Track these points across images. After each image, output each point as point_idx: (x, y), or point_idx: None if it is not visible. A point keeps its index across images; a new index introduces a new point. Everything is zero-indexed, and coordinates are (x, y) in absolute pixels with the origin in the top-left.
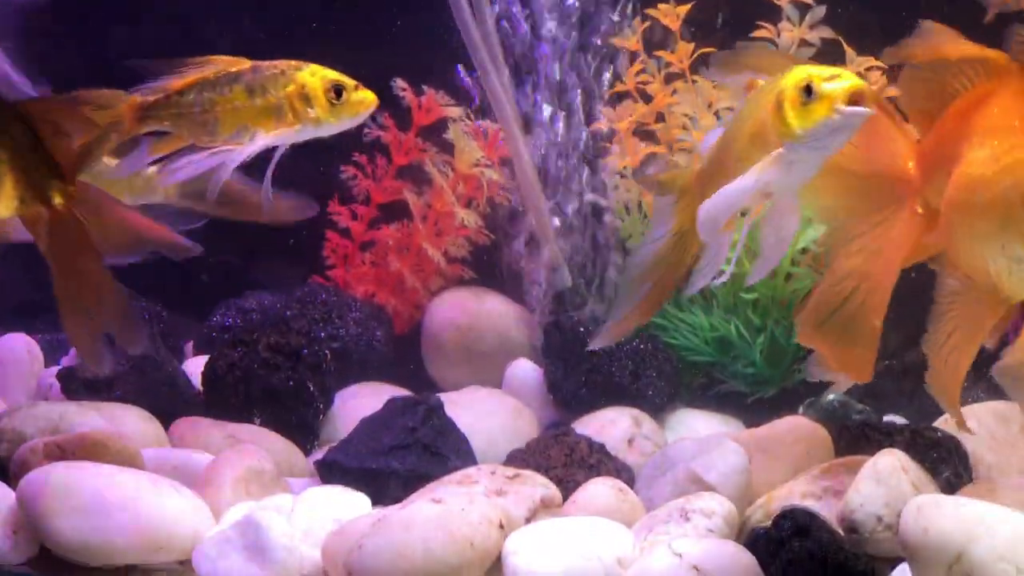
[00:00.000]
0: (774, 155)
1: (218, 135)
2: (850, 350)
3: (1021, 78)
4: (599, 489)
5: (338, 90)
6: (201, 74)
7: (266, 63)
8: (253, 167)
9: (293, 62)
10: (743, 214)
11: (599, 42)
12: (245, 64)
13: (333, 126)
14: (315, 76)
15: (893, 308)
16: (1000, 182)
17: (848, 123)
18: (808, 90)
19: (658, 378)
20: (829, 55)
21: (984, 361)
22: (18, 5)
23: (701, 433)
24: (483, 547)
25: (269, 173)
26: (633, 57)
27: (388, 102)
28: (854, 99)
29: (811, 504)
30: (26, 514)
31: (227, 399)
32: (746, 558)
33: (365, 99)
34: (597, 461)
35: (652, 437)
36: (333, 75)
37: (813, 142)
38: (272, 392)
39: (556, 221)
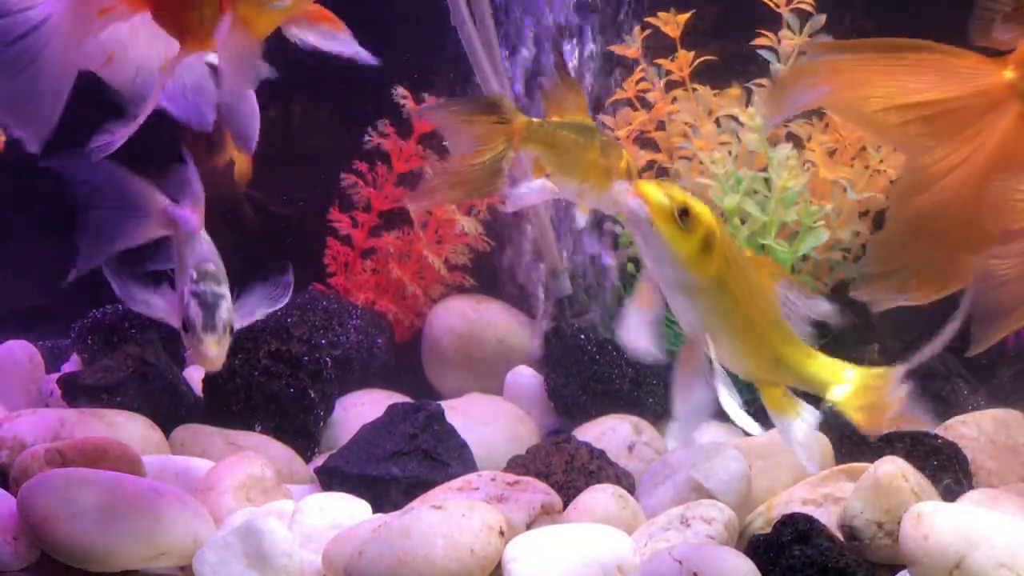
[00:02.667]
0: None
1: (571, 179)
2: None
3: None
4: (599, 496)
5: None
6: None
7: None
8: None
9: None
10: None
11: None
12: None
13: (612, 206)
14: None
15: (893, 314)
16: None
17: None
18: None
19: (658, 385)
20: None
21: (985, 369)
22: None
23: (701, 440)
24: (483, 553)
25: None
26: (633, 65)
27: (388, 109)
28: None
29: (811, 511)
30: (27, 520)
31: (228, 406)
32: (746, 565)
33: None
34: (597, 468)
35: (652, 444)
36: None
37: None
38: (273, 399)
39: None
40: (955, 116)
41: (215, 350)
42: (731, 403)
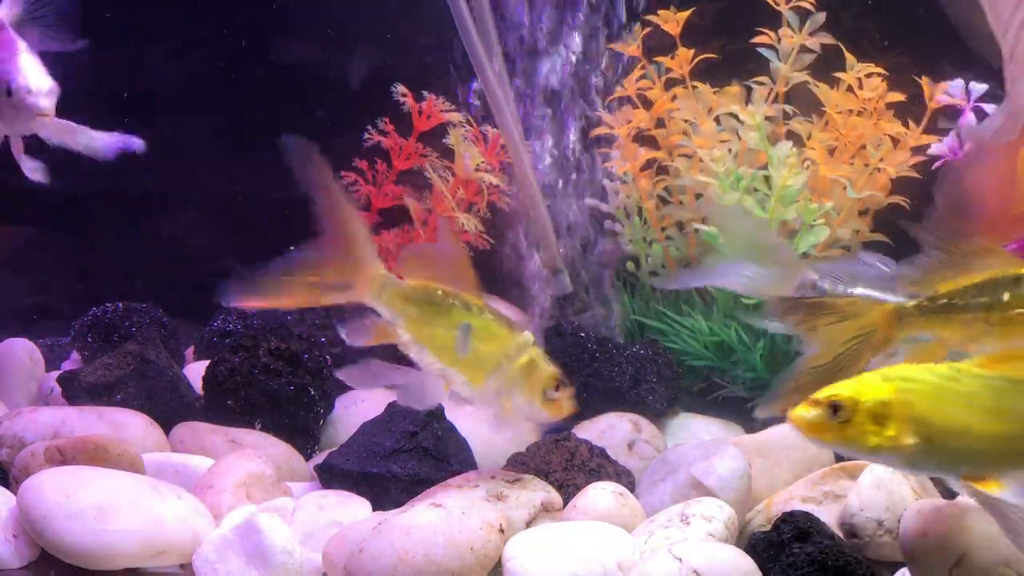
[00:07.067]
0: None
1: (986, 343)
2: None
3: None
4: (599, 493)
5: None
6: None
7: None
8: None
9: None
10: None
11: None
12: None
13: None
14: None
15: None
16: None
17: None
18: None
19: (658, 383)
20: (829, 60)
21: None
22: None
23: (701, 438)
24: (483, 551)
25: None
26: (632, 62)
27: (388, 107)
28: None
29: (811, 508)
30: (27, 518)
31: (228, 404)
32: (746, 562)
33: None
34: (597, 465)
35: (652, 442)
36: None
37: None
38: (273, 397)
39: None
40: None
41: None
42: None
